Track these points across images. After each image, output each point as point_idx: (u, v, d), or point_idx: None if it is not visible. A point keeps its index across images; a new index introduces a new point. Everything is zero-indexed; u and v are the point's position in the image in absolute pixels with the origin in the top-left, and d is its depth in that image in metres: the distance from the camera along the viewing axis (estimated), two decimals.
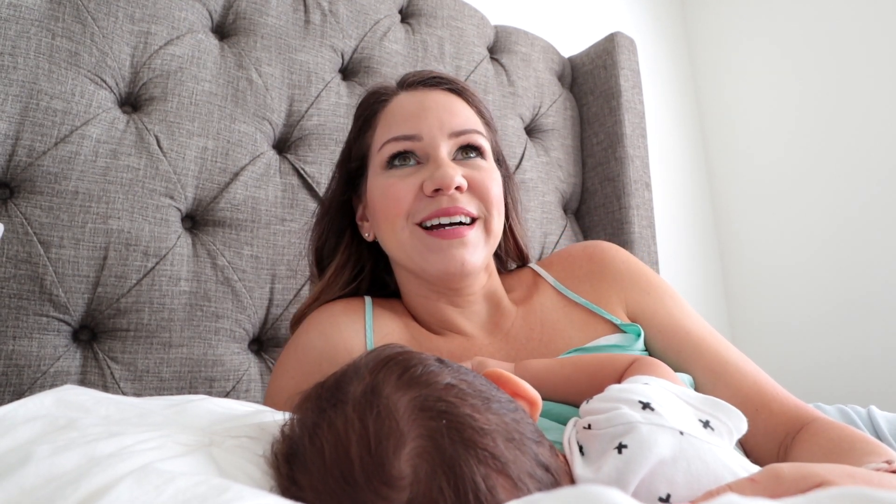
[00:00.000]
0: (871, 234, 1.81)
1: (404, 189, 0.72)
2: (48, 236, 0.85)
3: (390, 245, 0.75)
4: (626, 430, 0.42)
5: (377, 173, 0.76)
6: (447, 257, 0.70)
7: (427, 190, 0.70)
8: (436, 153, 0.72)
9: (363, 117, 0.81)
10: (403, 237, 0.72)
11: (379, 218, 0.75)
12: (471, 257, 0.70)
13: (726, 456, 0.42)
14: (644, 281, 0.79)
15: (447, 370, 0.40)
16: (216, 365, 0.95)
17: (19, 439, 0.36)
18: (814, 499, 0.29)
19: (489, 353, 0.75)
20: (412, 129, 0.73)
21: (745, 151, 2.16)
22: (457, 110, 0.76)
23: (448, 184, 0.69)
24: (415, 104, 0.76)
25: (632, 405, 0.45)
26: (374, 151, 0.77)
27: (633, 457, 0.41)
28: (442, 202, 0.70)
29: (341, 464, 0.34)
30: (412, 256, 0.72)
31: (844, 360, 1.83)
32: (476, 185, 0.72)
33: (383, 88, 0.81)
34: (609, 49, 1.53)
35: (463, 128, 0.74)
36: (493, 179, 0.75)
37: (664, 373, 0.56)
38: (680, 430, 0.42)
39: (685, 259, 2.09)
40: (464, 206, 0.70)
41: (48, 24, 0.90)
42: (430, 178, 0.70)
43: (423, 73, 0.81)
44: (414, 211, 0.71)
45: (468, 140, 0.74)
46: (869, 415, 0.85)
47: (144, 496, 0.29)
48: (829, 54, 1.95)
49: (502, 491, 0.34)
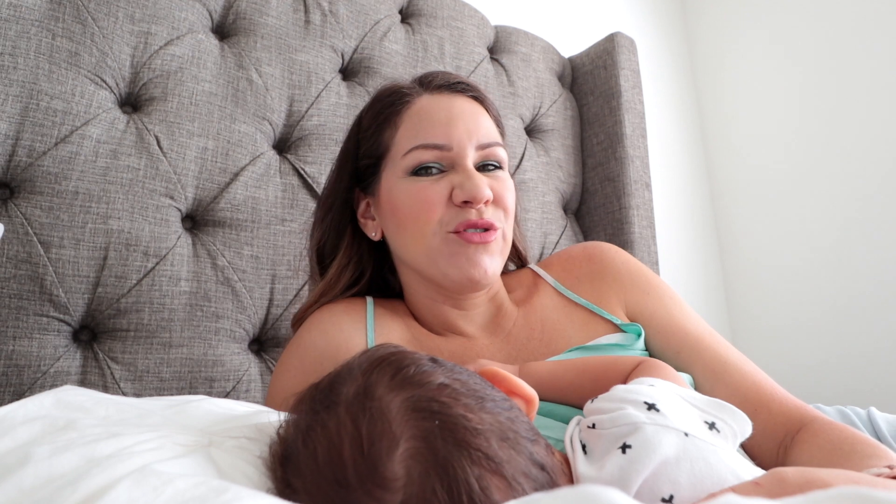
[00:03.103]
0: (872, 234, 1.81)
1: (436, 195, 0.71)
2: (48, 236, 0.85)
3: (413, 248, 0.74)
4: (631, 431, 0.42)
5: (400, 176, 0.74)
6: (471, 263, 0.70)
7: (457, 200, 0.71)
8: (464, 163, 0.72)
9: (384, 114, 0.78)
10: (434, 243, 0.72)
11: (404, 222, 0.74)
12: (491, 265, 0.72)
13: (730, 458, 0.42)
14: (643, 281, 0.80)
15: (440, 370, 0.40)
16: (216, 365, 0.95)
17: (19, 440, 0.36)
18: (812, 499, 0.29)
19: (490, 353, 0.75)
20: (442, 137, 0.73)
21: (745, 151, 2.16)
22: (481, 121, 0.76)
23: (480, 197, 0.70)
24: (443, 111, 0.75)
25: (637, 406, 0.45)
26: (396, 153, 0.76)
27: (637, 457, 0.41)
28: (471, 214, 0.71)
29: (334, 466, 0.34)
30: (438, 262, 0.72)
31: (844, 360, 1.83)
32: (498, 196, 0.73)
33: (405, 87, 0.79)
34: (609, 49, 1.53)
35: (488, 140, 0.75)
36: (509, 190, 0.76)
37: (669, 375, 0.56)
38: (685, 432, 0.42)
39: (685, 259, 2.09)
40: (489, 218, 0.72)
41: (48, 24, 0.90)
42: (461, 189, 0.70)
43: (449, 77, 0.80)
44: (446, 219, 0.71)
45: (492, 153, 0.75)
46: (869, 416, 0.84)
47: (143, 497, 0.30)
48: (830, 54, 1.94)
49: (496, 491, 0.34)
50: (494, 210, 0.73)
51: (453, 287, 0.73)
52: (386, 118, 0.78)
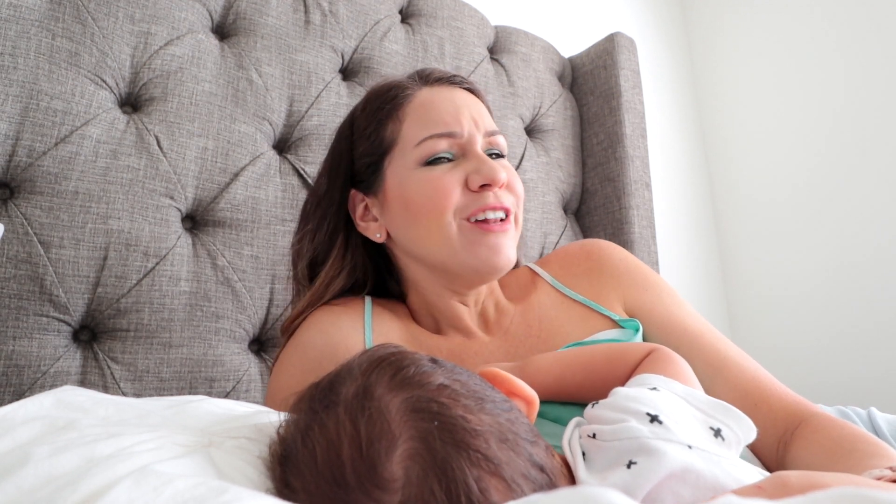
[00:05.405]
0: (872, 233, 1.81)
1: (450, 182, 0.71)
2: (48, 236, 0.85)
3: (428, 241, 0.73)
4: (635, 447, 0.42)
5: (412, 168, 0.73)
6: (493, 250, 0.71)
7: (474, 185, 0.71)
8: (475, 149, 0.73)
9: (384, 109, 0.77)
10: (451, 232, 0.71)
11: (417, 213, 0.72)
12: (511, 250, 0.73)
13: (735, 468, 0.42)
14: (641, 278, 0.80)
15: (440, 370, 0.40)
16: (216, 365, 0.95)
17: (18, 440, 0.36)
18: (812, 499, 0.29)
19: (489, 351, 0.75)
20: (452, 125, 0.73)
21: (745, 151, 2.16)
22: (482, 111, 0.78)
23: (498, 178, 0.70)
24: (447, 101, 0.76)
25: (639, 418, 0.44)
26: (404, 146, 0.75)
27: (642, 472, 0.40)
28: (488, 198, 0.71)
29: (333, 466, 0.34)
30: (457, 252, 0.71)
31: (845, 360, 1.83)
32: (510, 181, 0.74)
33: (404, 82, 0.79)
34: (609, 49, 1.53)
35: (493, 128, 0.77)
36: (517, 176, 0.77)
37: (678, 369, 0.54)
38: (689, 444, 0.42)
39: (685, 259, 2.09)
40: (504, 201, 0.72)
41: (48, 24, 0.90)
42: (478, 173, 0.71)
43: (445, 71, 0.81)
44: (462, 206, 0.71)
45: (496, 141, 0.76)
46: (869, 416, 0.84)
47: (143, 497, 0.30)
48: (831, 53, 1.94)
49: (495, 493, 0.34)
50: (507, 194, 0.74)
51: (473, 276, 0.73)
52: (387, 113, 0.77)
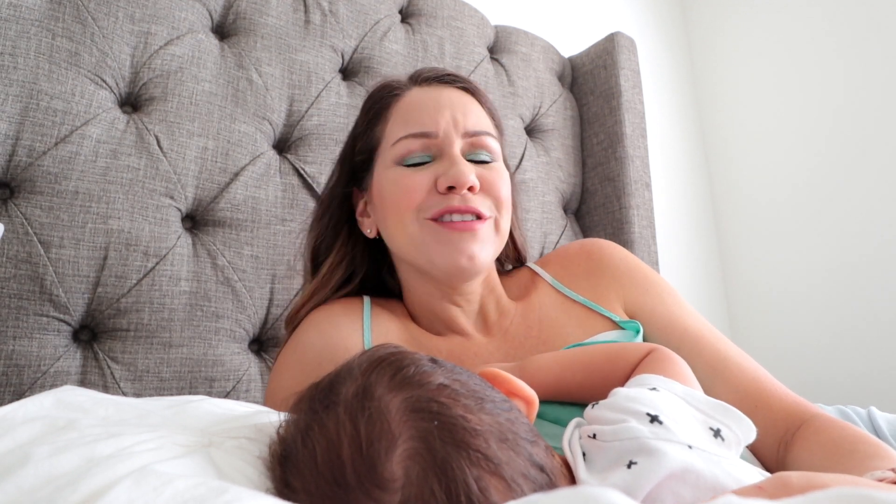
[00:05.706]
0: (872, 232, 1.81)
1: (418, 183, 0.71)
2: (48, 236, 0.85)
3: (397, 240, 0.74)
4: (635, 447, 0.42)
5: (388, 167, 0.75)
6: (457, 250, 0.69)
7: (441, 187, 0.70)
8: (450, 150, 0.72)
9: (374, 109, 0.79)
10: (413, 230, 0.71)
11: (387, 211, 0.74)
12: (480, 252, 0.70)
13: (735, 468, 0.42)
14: (642, 277, 0.79)
15: (440, 370, 0.40)
16: (216, 365, 0.95)
17: (18, 440, 0.36)
18: (812, 499, 0.29)
19: (488, 351, 0.75)
20: (428, 125, 0.73)
21: (745, 151, 2.16)
22: (470, 110, 0.76)
23: (463, 182, 0.69)
24: (430, 100, 0.76)
25: (639, 418, 0.44)
26: (385, 145, 0.76)
27: (642, 472, 0.40)
28: (454, 200, 0.70)
29: (333, 466, 0.34)
30: (421, 250, 0.71)
31: (844, 360, 1.83)
32: (488, 185, 0.72)
33: (395, 82, 0.80)
34: (609, 49, 1.53)
35: (476, 128, 0.75)
36: (503, 180, 0.75)
37: (677, 369, 0.54)
38: (689, 445, 0.42)
39: (685, 259, 2.09)
40: (475, 205, 0.70)
41: (48, 24, 0.90)
42: (445, 175, 0.70)
43: (438, 70, 0.80)
44: (426, 206, 0.71)
45: (481, 141, 0.75)
46: (869, 416, 0.84)
47: (143, 497, 0.30)
48: (831, 53, 1.94)
49: (495, 492, 0.34)
50: (483, 198, 0.72)
51: (442, 276, 0.73)
52: (377, 113, 0.79)
